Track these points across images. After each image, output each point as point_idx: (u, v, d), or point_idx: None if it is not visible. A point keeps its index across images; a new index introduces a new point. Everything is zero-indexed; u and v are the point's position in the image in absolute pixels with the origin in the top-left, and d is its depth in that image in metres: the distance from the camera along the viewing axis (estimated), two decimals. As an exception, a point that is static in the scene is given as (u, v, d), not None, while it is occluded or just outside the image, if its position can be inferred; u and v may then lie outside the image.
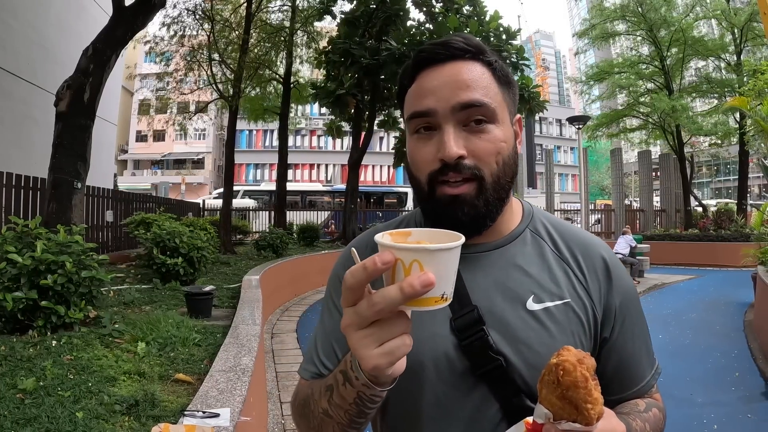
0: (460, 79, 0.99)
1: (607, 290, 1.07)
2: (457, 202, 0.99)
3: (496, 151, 1.00)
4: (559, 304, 1.02)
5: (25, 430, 2.77)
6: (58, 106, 7.96)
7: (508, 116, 1.04)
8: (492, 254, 1.07)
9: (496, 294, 1.03)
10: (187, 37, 17.93)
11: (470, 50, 1.02)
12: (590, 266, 1.08)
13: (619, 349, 1.07)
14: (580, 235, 1.13)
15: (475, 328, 0.99)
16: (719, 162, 58.42)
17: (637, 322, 1.11)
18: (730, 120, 25.89)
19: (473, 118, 0.99)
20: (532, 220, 1.13)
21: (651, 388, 1.11)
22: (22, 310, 4.71)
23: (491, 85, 1.01)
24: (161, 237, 8.61)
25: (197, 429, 2.40)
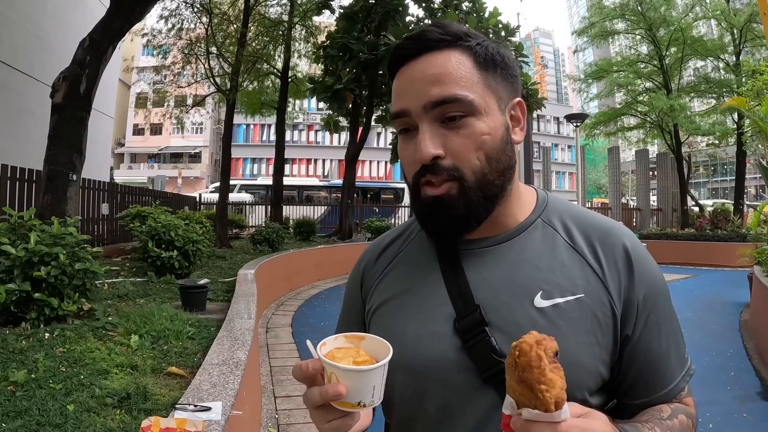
0: (430, 74, 0.93)
1: (628, 282, 0.96)
2: (438, 204, 0.95)
3: (476, 147, 0.93)
4: (571, 299, 0.94)
5: (15, 422, 2.75)
6: (54, 98, 7.91)
7: (495, 103, 0.96)
8: (498, 248, 1.01)
9: (502, 290, 0.97)
10: (185, 30, 17.90)
11: (446, 39, 0.95)
12: (609, 256, 0.97)
13: (644, 348, 0.96)
14: (600, 221, 1.03)
15: (478, 330, 0.94)
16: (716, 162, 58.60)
17: (666, 317, 0.99)
18: (727, 120, 25.93)
19: (448, 114, 0.93)
20: (545, 209, 1.05)
21: (681, 391, 1.00)
22: (15, 302, 4.68)
23: (469, 74, 0.94)
24: (156, 230, 8.58)
25: (188, 422, 2.38)
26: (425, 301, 1.01)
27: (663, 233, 22.13)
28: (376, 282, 1.11)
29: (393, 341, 0.90)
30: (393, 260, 1.12)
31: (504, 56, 0.99)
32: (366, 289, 1.14)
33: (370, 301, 1.11)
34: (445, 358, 0.96)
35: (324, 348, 0.87)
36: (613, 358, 0.96)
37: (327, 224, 24.15)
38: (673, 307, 1.03)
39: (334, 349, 0.87)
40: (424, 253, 1.07)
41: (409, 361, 0.97)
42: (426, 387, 0.97)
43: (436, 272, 1.02)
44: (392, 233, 1.18)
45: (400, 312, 1.03)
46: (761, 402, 5.78)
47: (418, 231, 1.12)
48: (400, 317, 1.03)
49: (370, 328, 1.09)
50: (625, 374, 0.97)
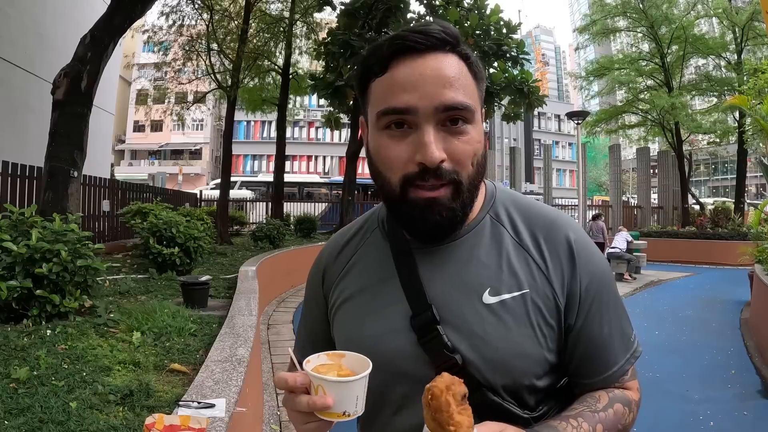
0: (443, 75, 0.93)
1: (570, 275, 1.01)
2: (434, 206, 0.96)
3: (473, 153, 0.96)
4: (517, 295, 0.99)
5: (18, 420, 2.74)
6: (55, 94, 7.90)
7: (479, 113, 0.98)
8: (449, 247, 1.04)
9: (453, 289, 1.01)
10: (186, 26, 17.86)
11: (449, 41, 0.96)
12: (552, 250, 1.02)
13: (586, 335, 1.01)
14: (545, 215, 1.06)
15: (432, 327, 0.98)
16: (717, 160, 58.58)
17: (608, 304, 1.04)
18: (729, 119, 25.91)
19: (451, 119, 0.94)
20: (493, 204, 1.07)
21: (624, 374, 1.04)
22: (17, 298, 4.68)
23: (470, 83, 0.97)
24: (157, 227, 8.57)
25: (192, 419, 2.38)
26: (383, 299, 1.05)
27: (664, 231, 22.16)
28: (337, 280, 1.15)
29: (354, 337, 1.05)
30: (351, 258, 1.15)
31: (482, 68, 1.01)
32: (327, 286, 1.17)
33: (331, 298, 1.16)
34: (402, 352, 1.01)
35: (309, 365, 0.92)
36: (560, 344, 1.02)
37: (328, 221, 24.15)
38: (617, 293, 1.08)
39: (318, 365, 0.93)
40: (380, 252, 1.10)
41: (369, 355, 0.97)
42: (388, 379, 1.02)
43: (392, 271, 1.06)
44: (349, 231, 1.21)
45: (360, 310, 1.08)
46: (761, 400, 5.79)
47: (373, 230, 1.16)
48: (359, 315, 1.08)
49: (333, 324, 1.15)
50: (571, 358, 1.03)
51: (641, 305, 11.57)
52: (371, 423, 1.09)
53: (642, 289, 13.87)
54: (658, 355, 7.57)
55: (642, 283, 14.55)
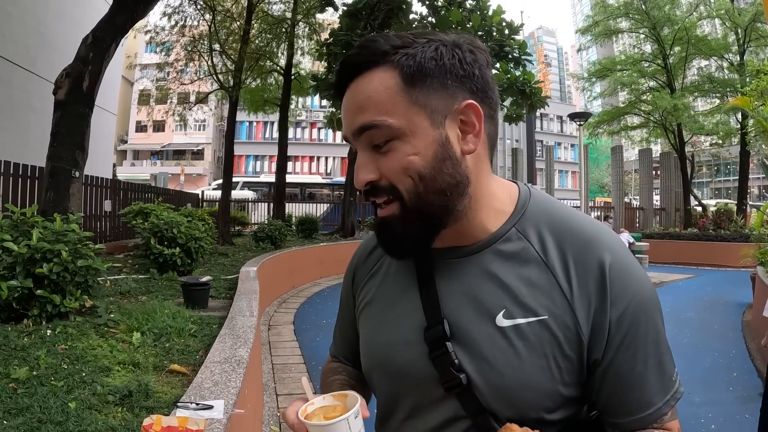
0: (353, 102, 0.92)
1: (599, 304, 0.91)
2: (381, 225, 0.97)
3: (403, 168, 0.90)
4: (533, 321, 0.92)
5: (17, 419, 2.74)
6: (57, 95, 7.92)
7: (425, 121, 0.90)
8: (468, 260, 0.99)
9: (467, 306, 0.96)
10: (188, 27, 17.89)
11: (369, 60, 0.91)
12: (582, 274, 0.92)
13: (616, 372, 0.93)
14: (580, 232, 0.96)
15: (440, 343, 0.95)
16: (719, 162, 58.44)
17: (646, 339, 0.93)
18: (731, 120, 25.90)
19: (376, 141, 0.91)
20: (522, 216, 0.99)
21: (663, 416, 0.94)
22: (17, 298, 4.68)
23: (391, 95, 0.89)
24: (159, 227, 8.58)
25: (190, 421, 2.37)
26: (401, 307, 1.03)
27: (666, 233, 22.13)
28: (365, 280, 1.15)
29: (370, 344, 1.07)
30: (379, 261, 1.14)
31: (439, 60, 0.90)
32: (356, 285, 1.18)
33: (359, 297, 1.16)
34: (413, 364, 0.99)
35: (311, 407, 0.97)
36: (581, 378, 0.94)
37: (329, 222, 24.17)
38: (661, 325, 0.97)
39: (318, 408, 0.98)
40: (404, 261, 1.06)
41: (382, 364, 1.04)
42: (399, 387, 1.03)
43: (413, 280, 1.03)
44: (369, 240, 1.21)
45: (379, 316, 1.07)
46: (764, 403, 5.76)
47: None
48: (378, 321, 1.07)
49: (358, 324, 1.16)
50: (598, 395, 0.96)
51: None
52: (385, 425, 1.10)
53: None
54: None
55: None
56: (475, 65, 0.92)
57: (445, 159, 0.91)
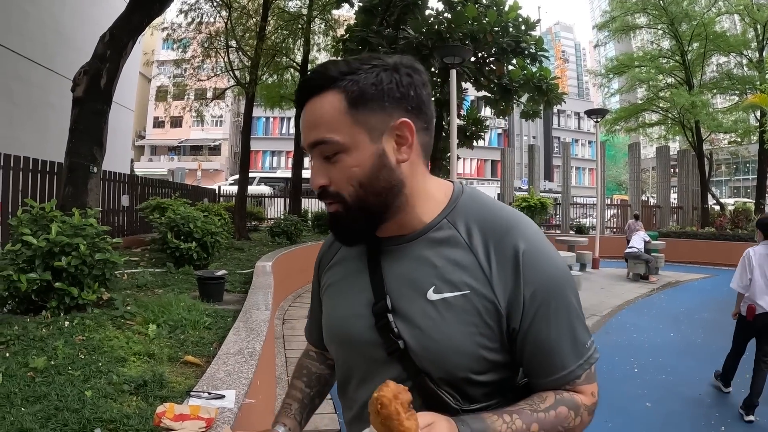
0: (307, 120, 1.10)
1: (514, 283, 1.08)
2: (332, 219, 1.17)
3: (347, 178, 1.09)
4: (458, 295, 1.09)
5: (34, 407, 2.81)
6: (75, 92, 8.02)
7: (365, 136, 1.07)
8: (407, 246, 1.17)
9: (405, 284, 1.14)
10: (205, 24, 18.00)
11: (321, 84, 1.08)
12: (500, 258, 1.09)
13: (533, 339, 1.09)
14: (502, 221, 1.14)
15: (383, 315, 1.13)
16: (738, 160, 57.78)
17: (558, 312, 1.10)
18: (750, 118, 25.62)
19: (326, 154, 1.09)
20: (453, 209, 1.17)
21: (576, 378, 1.12)
22: (36, 291, 4.77)
23: (337, 115, 1.06)
24: (175, 222, 8.66)
25: (202, 409, 2.42)
26: (353, 287, 1.23)
27: (683, 232, 21.94)
28: (326, 268, 1.37)
29: (328, 318, 1.29)
30: (338, 251, 1.35)
31: (378, 85, 1.07)
32: (321, 272, 1.40)
33: (322, 281, 1.38)
34: (363, 334, 1.17)
35: None
36: (504, 345, 1.11)
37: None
38: (573, 300, 1.12)
39: None
40: (359, 248, 1.25)
41: (338, 334, 1.25)
42: (352, 356, 1.22)
43: (364, 264, 1.23)
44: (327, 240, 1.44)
45: (335, 295, 1.29)
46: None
47: None
48: (334, 299, 1.29)
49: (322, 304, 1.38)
50: (520, 359, 1.13)
51: (658, 306, 11.51)
52: (344, 392, 1.29)
53: (659, 290, 13.79)
54: (673, 357, 7.54)
55: (659, 284, 14.45)
56: (411, 87, 1.10)
57: (381, 168, 1.09)
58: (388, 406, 0.88)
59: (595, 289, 13.21)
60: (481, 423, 1.03)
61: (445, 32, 15.26)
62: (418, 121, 1.11)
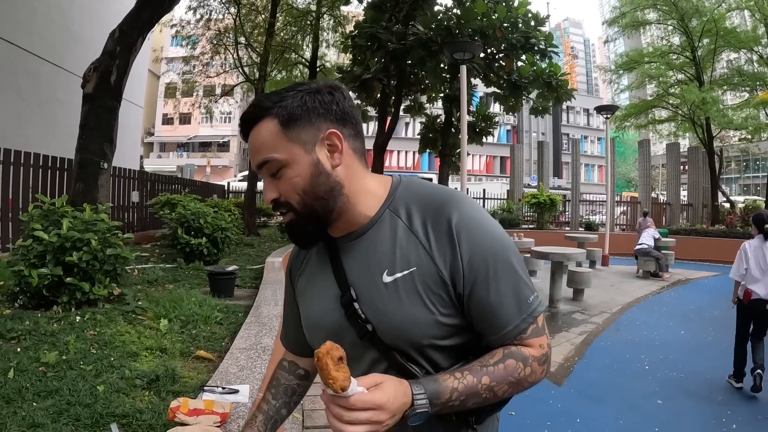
0: (252, 147, 1.26)
1: (451, 253, 1.21)
2: (288, 228, 1.31)
3: (292, 188, 1.24)
4: (406, 273, 1.23)
5: (46, 401, 2.81)
6: (85, 88, 8.03)
7: (300, 150, 1.23)
8: (358, 241, 1.31)
9: (363, 273, 1.28)
10: (213, 20, 18.01)
11: (256, 115, 1.24)
12: (437, 233, 1.23)
13: (478, 301, 1.22)
14: (435, 200, 1.28)
15: (350, 305, 1.27)
16: (748, 158, 57.40)
17: (497, 274, 1.22)
18: (761, 114, 25.43)
19: (272, 171, 1.24)
20: (393, 200, 1.31)
21: (522, 333, 1.24)
22: (47, 286, 4.78)
23: (274, 137, 1.22)
24: (186, 217, 8.68)
25: (216, 404, 2.42)
26: (323, 285, 1.36)
27: (692, 229, 21.81)
28: (297, 275, 1.50)
29: (306, 318, 1.42)
30: (305, 259, 1.48)
31: (303, 106, 1.23)
32: (293, 280, 1.53)
33: (297, 289, 1.51)
34: (337, 324, 1.31)
35: None
36: (458, 310, 1.24)
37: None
38: (512, 261, 1.25)
39: None
40: (321, 252, 1.40)
41: (316, 330, 1.37)
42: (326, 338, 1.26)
43: (327, 264, 1.37)
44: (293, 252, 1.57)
45: (310, 296, 1.42)
46: (788, 401, 5.71)
47: None
48: (308, 300, 1.42)
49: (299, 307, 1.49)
50: (470, 320, 1.26)
51: (668, 304, 11.45)
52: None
53: (669, 287, 13.71)
54: (683, 354, 7.49)
55: (669, 282, 14.38)
56: (333, 102, 1.26)
57: (318, 175, 1.24)
58: (321, 359, 1.01)
59: (605, 286, 13.17)
60: (434, 382, 1.15)
61: (454, 28, 15.20)
62: (345, 129, 1.27)
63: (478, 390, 1.18)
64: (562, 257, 10.69)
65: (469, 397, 1.17)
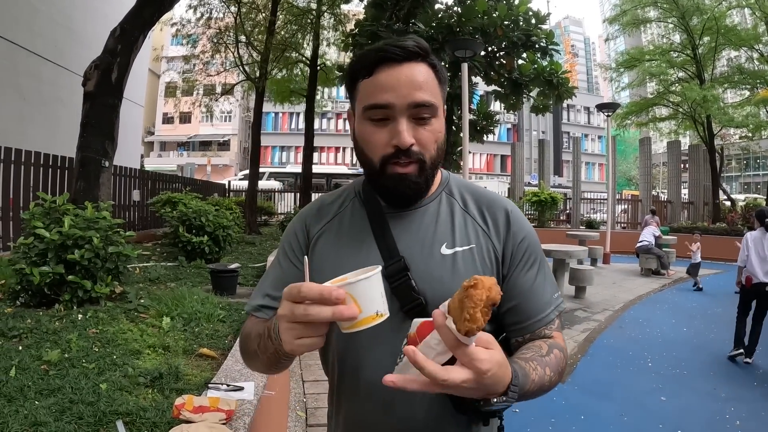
0: (414, 80, 1.19)
1: (506, 235, 1.29)
2: (405, 179, 1.23)
3: (435, 140, 1.23)
4: (466, 249, 1.26)
5: (48, 400, 2.80)
6: (86, 86, 8.01)
7: (441, 110, 1.25)
8: (415, 212, 1.31)
9: (417, 244, 1.27)
10: (214, 19, 17.99)
11: (421, 54, 1.21)
12: (493, 217, 1.31)
13: (519, 282, 1.27)
14: (486, 195, 1.37)
15: (401, 274, 1.22)
16: (749, 156, 57.38)
17: (539, 261, 1.31)
18: (761, 113, 25.41)
19: (421, 115, 1.20)
20: (447, 184, 1.38)
21: (550, 322, 1.28)
22: (49, 284, 4.77)
23: (435, 86, 1.23)
24: (187, 215, 8.67)
25: (221, 401, 2.41)
26: (359, 251, 1.29)
27: (694, 227, 21.75)
28: (316, 235, 1.36)
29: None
30: (332, 220, 1.38)
31: (444, 72, 1.27)
32: (309, 236, 1.38)
33: (314, 247, 1.35)
34: None
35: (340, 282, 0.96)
36: None
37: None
38: (544, 256, 1.36)
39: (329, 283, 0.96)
40: (356, 216, 1.35)
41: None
42: None
43: (367, 231, 1.31)
44: (328, 197, 1.45)
45: (337, 261, 1.29)
46: (793, 397, 5.70)
47: (351, 199, 1.41)
48: (337, 265, 1.27)
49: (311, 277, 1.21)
50: (508, 303, 1.27)
51: (670, 301, 11.44)
52: (345, 357, 1.29)
53: (671, 285, 13.70)
54: (686, 351, 7.49)
55: (671, 280, 14.37)
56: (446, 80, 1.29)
57: (446, 139, 1.27)
58: (479, 288, 0.87)
59: (606, 283, 13.15)
60: (520, 366, 1.08)
61: (455, 26, 15.19)
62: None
63: (545, 381, 1.15)
64: (564, 255, 10.68)
65: (539, 389, 1.14)
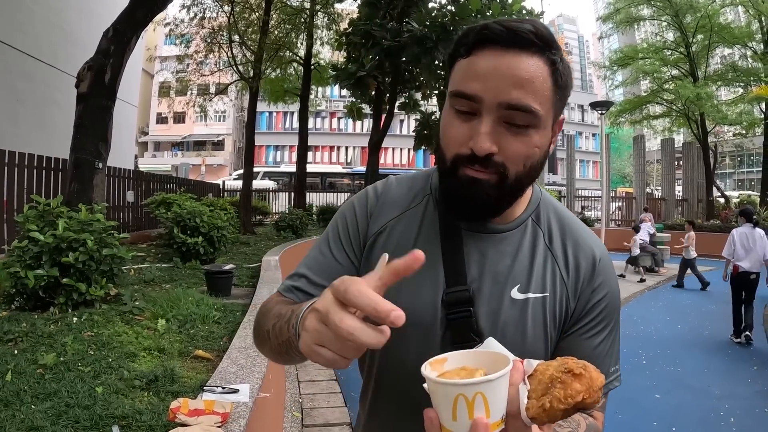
0: (516, 75, 0.93)
1: (587, 288, 1.07)
2: (476, 187, 0.98)
3: (527, 156, 0.97)
4: (539, 296, 1.05)
5: (44, 404, 2.80)
6: (79, 87, 7.99)
7: (550, 121, 0.99)
8: (493, 237, 1.08)
9: (488, 277, 1.05)
10: (207, 18, 17.97)
11: (537, 44, 0.94)
12: (576, 263, 1.08)
13: (579, 345, 1.06)
14: (579, 229, 1.13)
15: (464, 307, 1.03)
16: (743, 153, 57.51)
17: (613, 327, 1.10)
18: (755, 110, 25.49)
19: (515, 120, 0.94)
20: (537, 208, 1.13)
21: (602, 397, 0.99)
22: (44, 287, 4.76)
23: (546, 89, 0.95)
24: (182, 216, 8.66)
25: (216, 404, 2.41)
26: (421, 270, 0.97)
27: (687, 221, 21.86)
28: (378, 231, 1.14)
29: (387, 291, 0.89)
30: (400, 216, 1.14)
31: (568, 76, 1.00)
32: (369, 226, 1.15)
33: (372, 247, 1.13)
34: (431, 322, 1.05)
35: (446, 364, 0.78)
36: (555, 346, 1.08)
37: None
38: (619, 320, 1.13)
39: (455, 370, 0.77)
40: (428, 220, 1.12)
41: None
42: (408, 336, 1.02)
43: (436, 244, 1.08)
44: (400, 185, 1.20)
45: None
46: (786, 394, 5.74)
47: (426, 195, 1.16)
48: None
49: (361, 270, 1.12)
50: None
51: (664, 299, 11.49)
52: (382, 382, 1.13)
53: (665, 282, 13.75)
54: (681, 349, 7.53)
55: (665, 277, 14.42)
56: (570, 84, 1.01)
57: (546, 155, 1.02)
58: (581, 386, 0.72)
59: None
60: None
61: (449, 25, 15.17)
62: None
63: None
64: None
65: None
